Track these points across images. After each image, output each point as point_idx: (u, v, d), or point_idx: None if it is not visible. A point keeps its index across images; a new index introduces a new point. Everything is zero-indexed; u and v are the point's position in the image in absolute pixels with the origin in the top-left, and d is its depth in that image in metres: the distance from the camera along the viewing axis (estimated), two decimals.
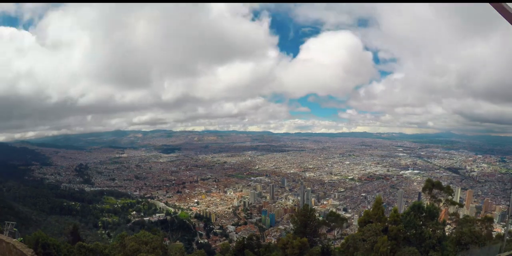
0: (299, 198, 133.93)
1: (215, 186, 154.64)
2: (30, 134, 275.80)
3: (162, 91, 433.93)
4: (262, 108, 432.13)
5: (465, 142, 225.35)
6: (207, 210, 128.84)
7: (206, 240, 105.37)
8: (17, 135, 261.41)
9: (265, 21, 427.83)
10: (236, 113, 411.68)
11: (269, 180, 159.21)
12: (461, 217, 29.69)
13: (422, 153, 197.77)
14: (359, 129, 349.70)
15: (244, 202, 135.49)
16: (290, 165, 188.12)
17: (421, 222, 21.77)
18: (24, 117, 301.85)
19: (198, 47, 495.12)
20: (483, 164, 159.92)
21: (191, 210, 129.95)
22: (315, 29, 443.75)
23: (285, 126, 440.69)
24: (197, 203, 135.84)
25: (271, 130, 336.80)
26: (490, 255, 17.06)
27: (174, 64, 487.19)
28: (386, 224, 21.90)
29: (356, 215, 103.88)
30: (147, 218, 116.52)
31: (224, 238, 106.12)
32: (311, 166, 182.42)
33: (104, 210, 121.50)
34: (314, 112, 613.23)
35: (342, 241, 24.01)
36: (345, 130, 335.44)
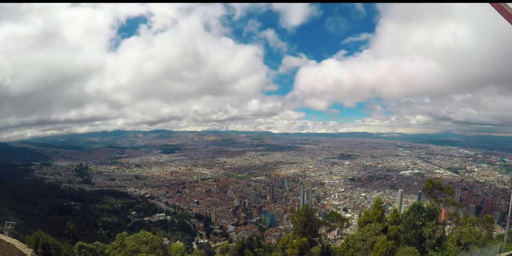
0: (299, 198, 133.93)
1: (215, 186, 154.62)
2: (30, 134, 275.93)
3: None
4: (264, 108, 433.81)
5: (465, 142, 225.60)
6: (207, 210, 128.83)
7: (206, 240, 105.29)
8: (17, 135, 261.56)
9: None
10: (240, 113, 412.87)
11: (269, 180, 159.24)
12: (461, 217, 29.66)
13: (422, 153, 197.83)
14: (359, 129, 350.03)
15: (244, 202, 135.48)
16: (290, 165, 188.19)
17: (421, 222, 21.78)
18: None
19: None
20: (483, 164, 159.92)
21: (191, 210, 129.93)
22: None
23: (284, 126, 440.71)
24: (197, 203, 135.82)
25: (271, 130, 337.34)
26: (490, 255, 17.05)
27: None
28: (386, 224, 21.89)
29: (356, 215, 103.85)
30: (147, 218, 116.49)
31: (224, 238, 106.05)
32: (311, 166, 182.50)
33: (104, 210, 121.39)
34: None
35: (342, 241, 24.02)
36: (345, 130, 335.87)
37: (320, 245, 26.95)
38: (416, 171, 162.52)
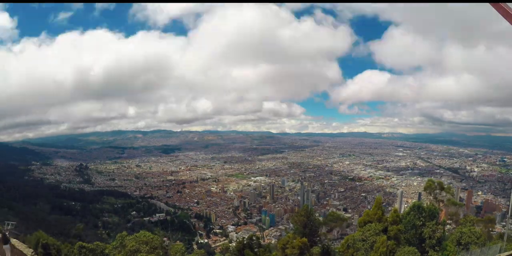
0: (299, 198, 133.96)
1: (215, 186, 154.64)
2: (30, 134, 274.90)
3: None
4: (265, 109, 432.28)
5: (465, 142, 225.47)
6: (207, 210, 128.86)
7: (206, 240, 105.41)
8: (17, 135, 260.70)
9: None
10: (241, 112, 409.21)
11: (269, 180, 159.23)
12: (461, 217, 29.71)
13: (422, 153, 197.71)
14: (360, 129, 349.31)
15: (244, 202, 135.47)
16: (290, 165, 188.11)
17: (421, 222, 21.79)
18: None
19: None
20: (483, 164, 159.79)
21: (191, 210, 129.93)
22: None
23: (285, 126, 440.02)
24: (197, 203, 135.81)
25: (271, 130, 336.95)
26: (490, 255, 17.06)
27: None
28: (386, 224, 21.92)
29: (356, 215, 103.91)
30: (147, 218, 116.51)
31: (224, 238, 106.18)
32: (311, 166, 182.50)
33: (104, 210, 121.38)
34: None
35: (342, 241, 24.03)
36: (345, 130, 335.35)
37: (320, 245, 27.00)
38: (416, 171, 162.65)
